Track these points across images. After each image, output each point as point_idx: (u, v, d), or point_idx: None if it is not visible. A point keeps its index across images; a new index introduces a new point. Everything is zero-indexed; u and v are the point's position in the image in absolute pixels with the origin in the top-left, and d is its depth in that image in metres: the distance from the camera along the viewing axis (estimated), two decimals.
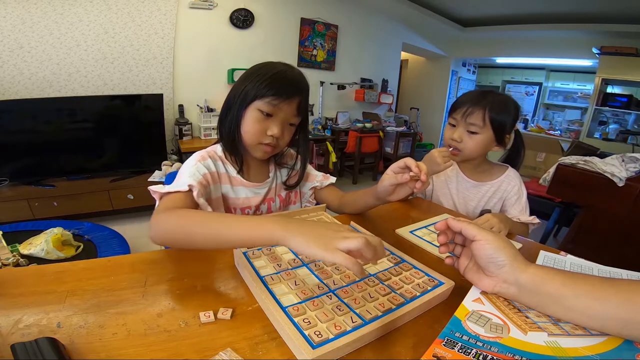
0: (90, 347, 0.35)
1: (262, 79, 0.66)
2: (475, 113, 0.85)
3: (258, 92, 0.66)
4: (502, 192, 0.95)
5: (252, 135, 0.69)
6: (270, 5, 3.22)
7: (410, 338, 0.40)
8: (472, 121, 0.85)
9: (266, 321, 0.40)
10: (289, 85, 0.67)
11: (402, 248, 0.58)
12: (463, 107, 0.86)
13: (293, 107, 0.68)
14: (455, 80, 5.73)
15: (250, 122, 0.68)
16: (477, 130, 0.86)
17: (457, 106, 0.88)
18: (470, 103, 0.86)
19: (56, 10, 2.24)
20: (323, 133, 3.65)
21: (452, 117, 0.91)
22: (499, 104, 0.85)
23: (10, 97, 2.17)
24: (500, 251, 0.41)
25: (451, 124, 0.91)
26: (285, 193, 0.84)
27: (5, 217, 1.99)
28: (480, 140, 0.87)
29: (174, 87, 2.82)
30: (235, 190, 0.75)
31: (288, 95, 0.66)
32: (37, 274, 0.47)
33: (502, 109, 0.85)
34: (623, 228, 1.37)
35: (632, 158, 1.35)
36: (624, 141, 4.06)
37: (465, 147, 0.88)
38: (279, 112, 0.67)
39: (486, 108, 0.84)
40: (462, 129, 0.88)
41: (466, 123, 0.86)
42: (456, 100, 0.92)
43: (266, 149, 0.70)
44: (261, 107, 0.66)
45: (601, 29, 3.89)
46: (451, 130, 0.91)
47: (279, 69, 0.68)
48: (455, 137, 0.88)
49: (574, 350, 0.34)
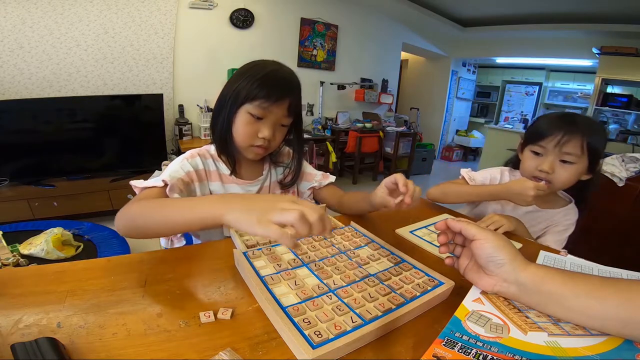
0: (90, 347, 0.35)
1: (251, 81, 0.65)
2: (572, 141, 0.74)
3: (248, 94, 0.65)
4: (552, 221, 0.87)
5: (243, 138, 0.69)
6: (270, 5, 3.22)
7: (410, 338, 0.40)
8: (568, 150, 0.75)
9: (266, 321, 0.40)
10: (278, 87, 0.66)
11: (402, 248, 0.58)
12: (554, 134, 0.76)
13: (284, 109, 0.68)
14: (455, 80, 5.73)
15: (241, 125, 0.68)
16: (573, 160, 0.76)
17: (545, 133, 0.78)
18: (564, 130, 0.75)
19: (56, 10, 2.24)
20: (323, 133, 3.65)
21: (538, 145, 0.79)
22: (594, 128, 0.76)
23: (10, 97, 2.17)
24: (499, 250, 0.42)
25: (536, 152, 0.81)
26: (279, 191, 0.83)
27: (5, 217, 1.99)
28: (575, 170, 0.77)
29: (174, 87, 2.82)
30: (226, 188, 0.75)
31: (278, 98, 0.65)
32: (37, 274, 0.47)
33: (598, 134, 0.76)
34: (623, 228, 1.37)
35: (632, 158, 1.35)
36: (624, 141, 4.06)
37: (558, 179, 0.78)
38: (269, 114, 0.67)
39: (584, 135, 0.74)
40: (553, 158, 0.77)
41: (561, 152, 0.76)
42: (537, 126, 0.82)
43: (258, 150, 0.71)
44: (251, 110, 0.66)
45: (601, 29, 3.89)
46: (537, 160, 0.80)
47: (269, 70, 0.67)
48: (546, 168, 0.77)
49: (574, 350, 0.34)
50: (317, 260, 0.52)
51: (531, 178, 0.80)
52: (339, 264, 0.51)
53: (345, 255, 0.54)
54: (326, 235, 0.38)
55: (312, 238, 0.59)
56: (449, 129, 5.93)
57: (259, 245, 0.56)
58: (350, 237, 0.61)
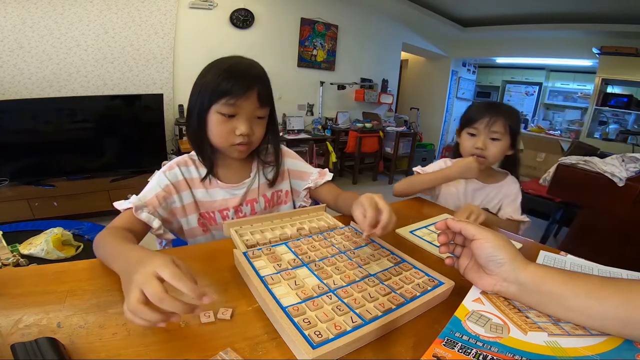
0: (90, 347, 0.35)
1: (214, 80, 0.64)
2: (498, 122, 0.94)
3: (213, 94, 0.64)
4: (502, 194, 1.03)
5: (221, 139, 0.67)
6: (270, 5, 3.22)
7: (410, 338, 0.40)
8: (495, 129, 0.94)
9: (266, 321, 0.40)
10: (242, 79, 0.63)
11: (402, 248, 0.58)
12: (484, 117, 0.95)
13: (253, 100, 0.65)
14: (455, 80, 5.73)
15: (215, 126, 0.66)
16: (499, 137, 0.95)
17: (476, 117, 0.97)
18: (490, 114, 0.95)
19: (56, 10, 2.24)
20: (323, 133, 3.65)
21: (472, 127, 0.98)
22: (512, 113, 0.97)
23: (10, 97, 2.18)
24: (499, 249, 0.42)
25: (471, 133, 0.99)
26: (271, 193, 0.81)
27: (5, 217, 1.99)
28: (501, 146, 0.96)
29: (174, 87, 2.83)
30: (210, 193, 0.74)
31: (243, 91, 0.63)
32: (37, 274, 0.47)
33: (515, 117, 0.97)
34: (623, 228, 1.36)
35: (632, 158, 1.35)
36: (624, 141, 4.06)
37: (490, 153, 0.96)
38: (240, 109, 0.65)
39: (505, 117, 0.94)
40: (484, 137, 0.96)
41: (489, 131, 0.95)
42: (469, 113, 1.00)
43: (240, 148, 0.69)
44: (221, 110, 0.64)
45: (601, 29, 3.89)
46: (473, 140, 0.98)
47: (229, 64, 0.66)
48: (480, 145, 0.96)
49: (574, 350, 0.34)
50: (317, 260, 0.52)
51: (469, 155, 0.98)
52: (339, 264, 0.51)
53: (345, 255, 0.54)
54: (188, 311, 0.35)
55: (311, 238, 0.59)
56: (449, 129, 5.93)
57: (259, 245, 0.56)
58: (350, 237, 0.61)
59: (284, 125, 3.54)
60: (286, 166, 0.84)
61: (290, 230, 0.63)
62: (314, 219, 0.70)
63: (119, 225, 0.60)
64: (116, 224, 0.61)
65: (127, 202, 0.64)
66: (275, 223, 0.65)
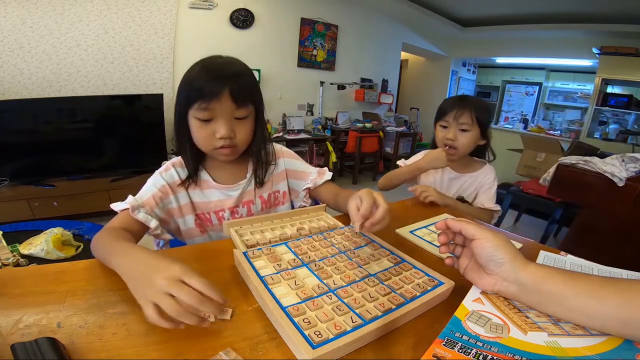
0: (90, 347, 0.35)
1: (184, 85, 0.63)
2: (465, 114, 1.01)
3: (186, 100, 0.63)
4: (478, 183, 1.10)
5: (204, 143, 0.66)
6: (270, 5, 3.22)
7: (410, 338, 0.40)
8: (463, 121, 1.01)
9: (266, 321, 0.40)
10: (210, 82, 0.60)
11: (402, 248, 0.58)
12: (452, 110, 1.02)
13: (228, 102, 0.62)
14: (455, 80, 5.73)
15: (195, 131, 0.65)
16: (467, 127, 1.01)
17: (447, 110, 1.04)
18: (458, 106, 1.01)
19: (56, 10, 2.24)
20: (323, 133, 3.65)
21: (443, 120, 1.05)
22: (479, 105, 1.03)
23: (10, 97, 2.17)
24: (499, 249, 0.42)
25: (443, 125, 1.06)
26: (267, 194, 0.80)
27: (5, 217, 1.99)
28: (471, 136, 1.03)
29: (174, 87, 2.82)
30: (205, 194, 0.74)
31: (214, 93, 0.60)
32: (37, 274, 0.47)
33: (483, 108, 1.04)
34: (623, 228, 1.36)
35: (632, 158, 1.35)
36: (624, 141, 4.05)
37: (460, 143, 1.03)
38: (215, 112, 0.62)
39: (471, 109, 1.01)
40: (454, 129, 1.02)
41: (458, 123, 1.02)
42: (441, 106, 1.08)
43: (224, 151, 0.67)
44: (196, 115, 0.63)
45: (601, 29, 3.89)
46: (444, 132, 1.05)
47: (199, 67, 0.63)
48: (450, 136, 1.03)
49: (574, 350, 0.34)
50: (317, 260, 0.52)
51: (442, 145, 1.05)
52: (339, 264, 0.51)
53: (345, 255, 0.54)
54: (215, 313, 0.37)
55: (311, 238, 0.59)
56: None
57: (259, 245, 0.56)
58: (350, 237, 0.61)
59: (284, 125, 3.54)
60: (284, 166, 0.83)
61: (290, 230, 0.63)
62: (314, 219, 0.70)
63: (117, 226, 0.60)
64: (114, 224, 0.61)
65: (123, 203, 0.64)
66: (275, 223, 0.65)
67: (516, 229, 2.80)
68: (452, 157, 1.03)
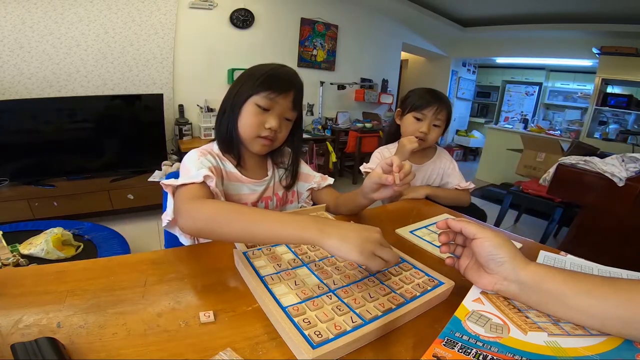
0: (90, 347, 0.35)
1: (257, 77, 0.69)
2: (442, 112, 1.06)
3: (254, 89, 0.68)
4: (439, 168, 1.15)
5: (250, 129, 0.70)
6: (270, 5, 3.22)
7: (410, 338, 0.40)
8: (440, 117, 1.06)
9: (266, 321, 0.40)
10: (283, 81, 0.70)
11: (402, 248, 0.58)
12: (432, 106, 1.05)
13: (289, 101, 0.71)
14: (455, 80, 5.73)
15: (248, 116, 0.70)
16: (440, 124, 1.08)
17: (425, 105, 1.06)
18: (438, 103, 1.05)
19: (56, 10, 2.24)
20: (323, 133, 3.64)
21: (420, 112, 1.07)
22: (449, 104, 1.09)
23: (10, 97, 2.17)
24: (499, 248, 0.42)
25: (417, 117, 1.08)
26: (282, 192, 0.84)
27: (5, 217, 1.99)
28: (440, 132, 1.09)
29: (174, 87, 2.82)
30: (232, 186, 0.75)
31: (283, 89, 0.69)
32: (37, 274, 0.47)
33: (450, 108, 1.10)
34: (623, 228, 1.36)
35: (632, 158, 1.35)
36: (624, 141, 4.05)
37: (430, 137, 1.08)
38: (276, 105, 0.70)
39: (447, 106, 1.06)
40: (428, 123, 1.06)
41: (435, 119, 1.06)
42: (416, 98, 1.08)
43: (264, 142, 0.72)
44: (258, 102, 0.69)
45: (601, 29, 3.89)
46: (417, 124, 1.08)
47: (272, 67, 0.72)
48: (425, 129, 1.06)
49: (574, 350, 0.34)
50: (317, 260, 0.52)
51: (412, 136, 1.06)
52: (339, 263, 0.51)
53: None
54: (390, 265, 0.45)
55: None
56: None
57: (258, 245, 0.56)
58: None
59: None
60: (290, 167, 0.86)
61: None
62: None
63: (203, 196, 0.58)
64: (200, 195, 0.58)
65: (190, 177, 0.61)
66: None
67: (516, 229, 2.80)
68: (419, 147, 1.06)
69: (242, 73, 0.74)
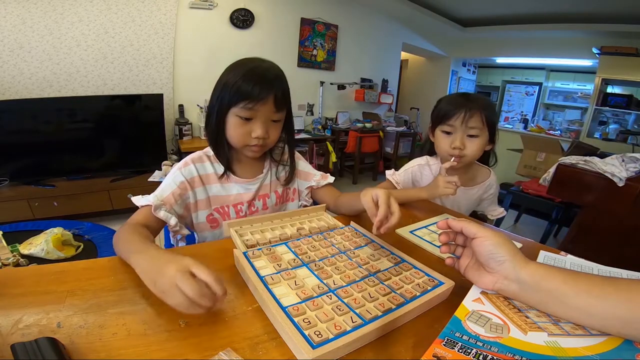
0: (90, 347, 0.35)
1: (233, 84, 0.65)
2: (474, 117, 0.84)
3: (232, 98, 0.66)
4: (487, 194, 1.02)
5: (237, 139, 0.70)
6: (270, 5, 3.22)
7: (410, 338, 0.40)
8: (472, 125, 0.85)
9: (266, 321, 0.40)
10: (259, 85, 0.65)
11: (402, 248, 0.58)
12: (458, 112, 0.85)
13: (270, 105, 0.67)
14: (455, 80, 5.73)
15: (233, 128, 0.69)
16: (478, 133, 0.86)
17: (451, 112, 0.86)
18: (466, 108, 0.84)
19: (56, 10, 2.24)
20: (323, 133, 3.65)
21: (447, 124, 0.88)
22: (488, 104, 0.87)
23: (10, 97, 2.17)
24: (500, 247, 0.42)
25: (446, 131, 0.89)
26: (282, 189, 0.84)
27: (5, 217, 1.99)
28: (480, 142, 0.87)
29: (174, 87, 2.82)
30: (225, 188, 0.76)
31: (261, 96, 0.65)
32: (37, 274, 0.47)
33: (492, 108, 0.88)
34: (623, 228, 1.36)
35: (632, 158, 1.35)
36: (624, 141, 4.05)
37: (468, 152, 0.87)
38: (257, 113, 0.67)
39: (481, 109, 0.84)
40: (461, 135, 0.86)
41: (467, 128, 0.85)
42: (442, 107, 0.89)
43: (254, 149, 0.72)
44: (238, 113, 0.67)
45: (601, 29, 3.88)
46: (448, 139, 0.88)
47: (248, 68, 0.67)
48: (458, 144, 0.86)
49: (574, 350, 0.34)
50: (317, 260, 0.52)
51: (447, 156, 0.89)
52: (339, 264, 0.51)
53: (345, 255, 0.54)
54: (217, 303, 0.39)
55: (311, 238, 0.59)
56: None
57: (259, 245, 0.56)
58: (350, 237, 0.61)
59: None
60: (298, 167, 0.87)
61: (290, 230, 0.63)
62: (314, 219, 0.70)
63: (139, 222, 0.63)
64: (135, 219, 0.63)
65: (144, 198, 0.65)
66: (275, 223, 0.65)
67: (516, 229, 2.80)
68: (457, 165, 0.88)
69: (218, 79, 0.70)
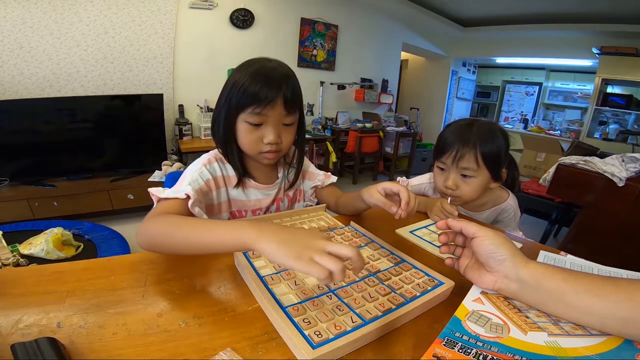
0: (90, 347, 0.35)
1: (239, 88, 0.62)
2: (466, 156, 0.74)
3: (239, 104, 0.63)
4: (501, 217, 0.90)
5: (250, 147, 0.67)
6: (270, 5, 3.22)
7: (410, 338, 0.40)
8: (464, 165, 0.75)
9: (266, 321, 0.40)
10: (266, 88, 0.61)
11: (402, 248, 0.58)
12: (451, 149, 0.75)
13: (280, 108, 0.63)
14: (455, 80, 5.73)
15: (244, 135, 0.66)
16: (472, 174, 0.75)
17: (444, 148, 0.77)
18: (458, 143, 0.74)
19: (56, 10, 2.24)
20: (323, 133, 3.64)
21: (440, 161, 0.79)
22: (486, 136, 0.74)
23: (10, 97, 2.17)
24: (499, 247, 0.42)
25: (440, 167, 0.81)
26: (292, 192, 0.84)
27: (5, 217, 1.99)
28: (477, 184, 0.76)
29: (174, 87, 2.82)
30: (245, 193, 0.74)
31: (269, 100, 0.61)
32: (37, 274, 0.47)
33: (492, 141, 0.74)
34: (623, 228, 1.37)
35: (632, 158, 1.35)
36: (624, 141, 4.06)
37: (463, 193, 0.77)
38: (267, 118, 0.64)
39: (476, 147, 0.73)
40: (454, 175, 0.77)
41: (459, 168, 0.76)
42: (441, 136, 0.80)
43: (269, 155, 0.68)
44: (247, 119, 0.63)
45: (601, 29, 3.89)
46: (442, 176, 0.79)
47: (254, 70, 0.63)
48: (450, 185, 0.76)
49: (574, 350, 0.34)
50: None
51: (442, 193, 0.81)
52: None
53: None
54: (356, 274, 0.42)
55: None
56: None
57: None
58: (350, 237, 0.61)
59: None
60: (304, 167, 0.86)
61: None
62: (314, 219, 0.70)
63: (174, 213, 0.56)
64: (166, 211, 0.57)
65: (172, 191, 0.60)
66: (276, 223, 0.65)
67: None
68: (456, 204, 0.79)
69: (226, 82, 0.66)
